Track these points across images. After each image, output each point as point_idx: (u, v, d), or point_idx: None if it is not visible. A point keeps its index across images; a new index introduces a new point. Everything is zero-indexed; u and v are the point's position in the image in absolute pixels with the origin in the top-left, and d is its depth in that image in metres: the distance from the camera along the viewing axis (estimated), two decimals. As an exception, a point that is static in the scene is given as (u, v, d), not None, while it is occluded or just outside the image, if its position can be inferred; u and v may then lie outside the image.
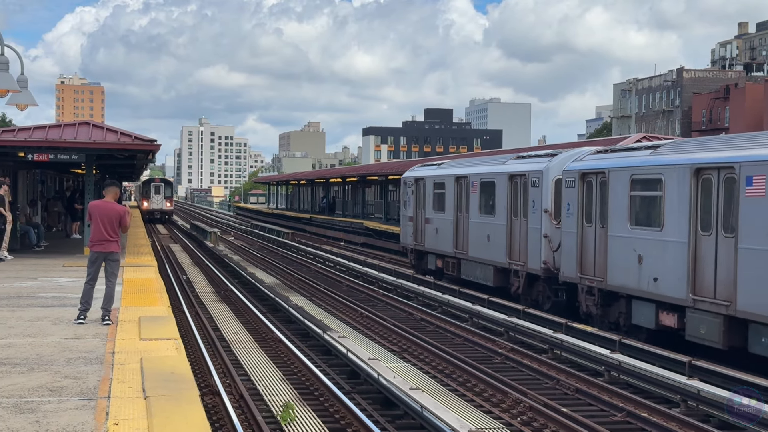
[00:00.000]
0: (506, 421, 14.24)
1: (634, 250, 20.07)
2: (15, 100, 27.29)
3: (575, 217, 22.78)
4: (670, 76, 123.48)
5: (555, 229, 24.23)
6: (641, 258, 19.82)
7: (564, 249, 23.34)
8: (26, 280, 21.42)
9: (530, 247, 25.25)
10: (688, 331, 18.13)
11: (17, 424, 8.65)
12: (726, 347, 17.18)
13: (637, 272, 19.93)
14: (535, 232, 25.06)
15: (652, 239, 19.60)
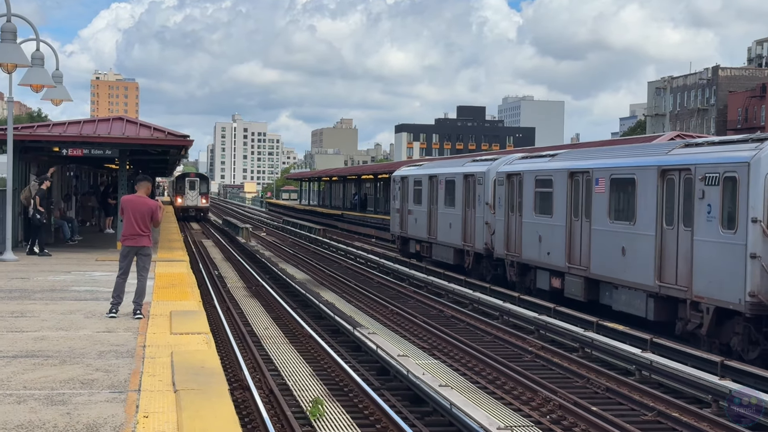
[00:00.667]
0: (535, 419, 14.20)
1: (536, 233, 26.60)
2: (50, 96, 27.61)
3: (503, 208, 29.28)
4: (705, 74, 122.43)
5: (493, 218, 30.49)
6: (541, 238, 26.30)
7: (496, 233, 29.97)
8: (60, 274, 21.62)
9: (476, 232, 31.93)
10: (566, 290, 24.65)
11: (48, 415, 8.74)
12: (586, 300, 23.66)
13: (538, 249, 26.64)
14: (480, 221, 31.58)
15: (547, 224, 26.08)
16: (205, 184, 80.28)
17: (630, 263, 21.56)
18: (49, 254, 26.16)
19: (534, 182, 27.33)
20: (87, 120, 30.85)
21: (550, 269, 25.99)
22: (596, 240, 23.39)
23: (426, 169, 39.43)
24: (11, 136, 25.07)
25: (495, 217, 30.17)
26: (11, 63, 21.96)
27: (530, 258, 27.29)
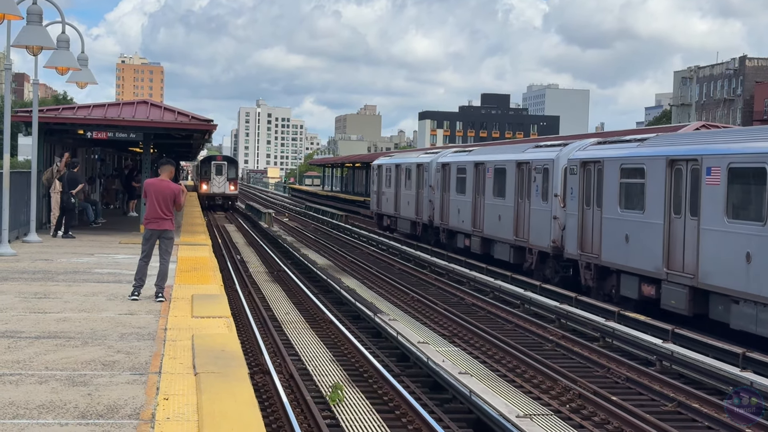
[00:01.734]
0: (555, 408, 14.19)
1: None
2: (75, 78, 27.70)
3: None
4: (732, 64, 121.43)
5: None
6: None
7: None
8: (83, 256, 21.74)
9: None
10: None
11: (70, 396, 8.80)
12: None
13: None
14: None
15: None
16: (233, 168, 72.23)
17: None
18: (73, 236, 26.31)
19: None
20: (112, 103, 30.98)
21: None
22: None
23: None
24: (36, 118, 25.20)
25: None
26: (37, 45, 22.03)
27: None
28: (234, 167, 72.59)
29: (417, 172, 42.56)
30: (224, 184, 70.51)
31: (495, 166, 32.70)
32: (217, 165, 70.81)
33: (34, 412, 8.22)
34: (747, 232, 18.16)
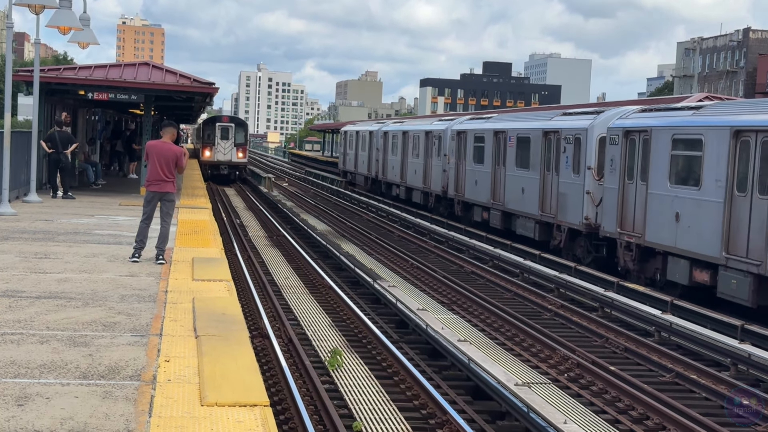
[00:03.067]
0: (553, 377, 14.23)
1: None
2: (77, 38, 27.56)
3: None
4: (735, 36, 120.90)
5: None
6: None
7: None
8: (83, 217, 21.72)
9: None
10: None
11: (71, 356, 8.82)
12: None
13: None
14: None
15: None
16: (242, 132, 60.08)
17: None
18: (73, 197, 26.28)
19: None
20: (113, 64, 30.84)
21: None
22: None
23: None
24: (38, 78, 25.09)
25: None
26: (39, 4, 21.91)
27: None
28: (243, 130, 60.34)
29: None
30: (231, 150, 58.94)
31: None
32: (223, 127, 59.26)
33: (36, 371, 8.23)
34: (523, 175, 21.37)
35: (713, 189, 18.94)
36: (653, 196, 21.39)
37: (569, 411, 12.04)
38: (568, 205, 25.82)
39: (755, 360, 14.53)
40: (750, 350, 14.79)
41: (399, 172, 46.06)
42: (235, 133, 59.22)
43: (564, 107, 36.66)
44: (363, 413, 11.72)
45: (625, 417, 12.34)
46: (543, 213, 27.56)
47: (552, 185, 27.16)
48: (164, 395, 7.67)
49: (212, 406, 7.41)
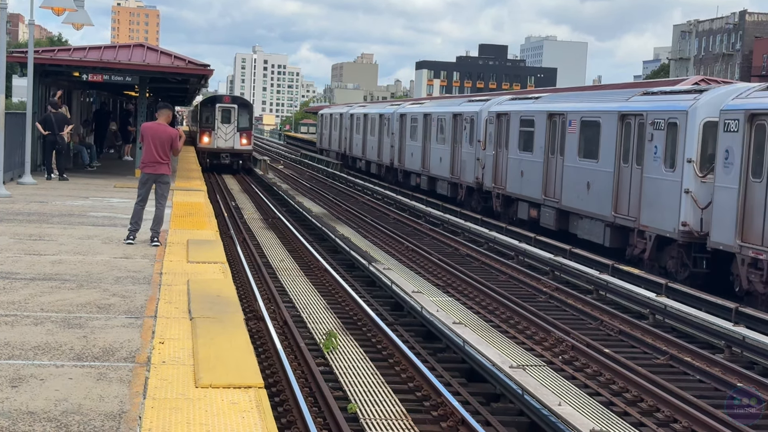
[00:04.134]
0: (548, 359, 14.25)
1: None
2: (71, 19, 27.44)
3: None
4: (732, 18, 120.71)
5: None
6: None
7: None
8: (78, 199, 21.69)
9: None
10: None
11: (65, 338, 8.81)
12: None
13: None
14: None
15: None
16: (246, 114, 52.04)
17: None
18: (67, 179, 26.23)
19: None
20: (108, 46, 30.74)
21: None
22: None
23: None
24: (32, 59, 25.00)
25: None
26: (33, -15, 21.81)
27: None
28: (247, 113, 52.17)
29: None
30: (233, 135, 50.96)
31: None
32: (224, 109, 51.05)
33: (30, 353, 8.23)
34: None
35: (539, 153, 21.98)
36: (511, 159, 21.18)
37: (564, 393, 12.06)
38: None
39: (749, 342, 14.56)
40: (744, 333, 14.82)
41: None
42: (238, 115, 50.95)
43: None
44: (358, 395, 11.73)
45: (620, 399, 12.37)
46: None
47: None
48: (159, 377, 7.67)
49: (207, 388, 7.42)
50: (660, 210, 21.11)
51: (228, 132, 50.87)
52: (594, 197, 24.31)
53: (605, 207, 23.05)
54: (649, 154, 21.77)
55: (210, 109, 51.28)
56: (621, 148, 23.30)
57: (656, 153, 21.52)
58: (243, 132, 51.17)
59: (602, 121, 24.36)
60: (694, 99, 20.77)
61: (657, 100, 22.40)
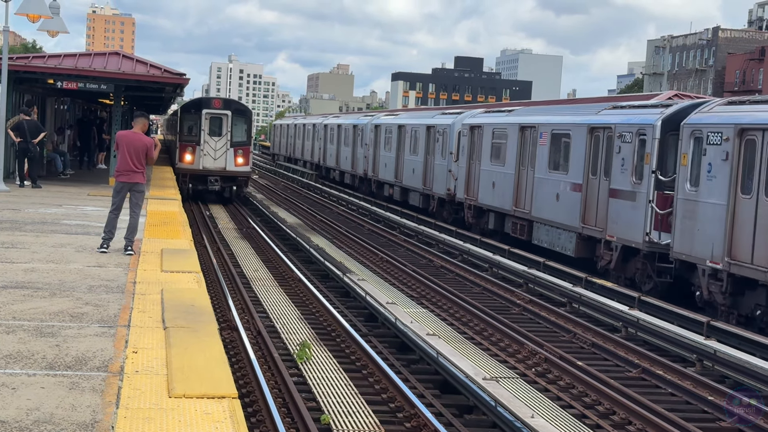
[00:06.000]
0: (521, 371, 14.29)
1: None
2: (46, 27, 27.30)
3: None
4: (705, 34, 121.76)
5: None
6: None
7: None
8: (51, 207, 21.55)
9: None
10: None
11: (38, 347, 8.75)
12: None
13: None
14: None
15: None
16: (242, 123, 39.85)
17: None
18: (40, 186, 26.06)
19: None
20: (83, 53, 30.62)
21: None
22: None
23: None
24: (6, 66, 24.83)
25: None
26: (8, -8, 21.70)
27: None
28: (244, 121, 40.01)
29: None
30: (225, 153, 38.82)
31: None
32: (214, 117, 38.96)
33: (2, 362, 8.16)
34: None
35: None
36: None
37: (537, 405, 12.10)
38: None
39: (720, 356, 14.66)
40: (715, 346, 14.93)
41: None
42: (232, 125, 38.98)
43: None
44: (331, 406, 11.71)
45: (592, 412, 12.42)
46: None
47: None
48: (132, 386, 7.63)
49: (180, 398, 7.38)
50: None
51: (218, 147, 38.63)
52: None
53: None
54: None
55: (194, 117, 39.17)
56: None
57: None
58: (239, 148, 39.03)
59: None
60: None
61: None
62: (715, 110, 19.22)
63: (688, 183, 19.22)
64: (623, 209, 21.55)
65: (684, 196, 19.23)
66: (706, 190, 18.57)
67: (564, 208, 24.51)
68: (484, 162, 30.51)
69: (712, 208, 18.24)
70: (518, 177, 27.83)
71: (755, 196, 17.21)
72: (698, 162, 18.92)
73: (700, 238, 18.48)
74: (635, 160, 21.32)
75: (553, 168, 25.61)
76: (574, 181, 24.16)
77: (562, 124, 25.55)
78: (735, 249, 17.54)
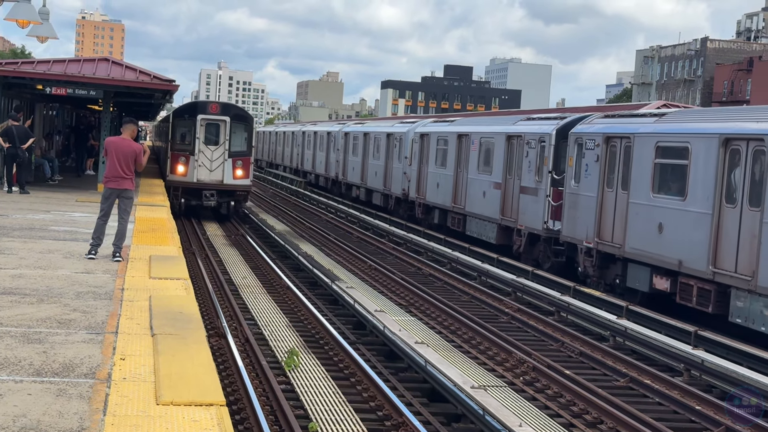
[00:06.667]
0: (509, 380, 14.30)
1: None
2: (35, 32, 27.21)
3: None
4: (694, 45, 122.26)
5: None
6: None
7: None
8: (39, 213, 21.49)
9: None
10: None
11: (25, 353, 8.72)
12: None
13: None
14: None
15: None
16: (242, 131, 35.66)
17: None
18: (28, 192, 25.99)
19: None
20: (72, 59, 30.55)
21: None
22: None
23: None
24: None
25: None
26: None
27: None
28: (244, 129, 35.76)
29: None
30: (223, 164, 34.84)
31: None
32: (210, 123, 35.02)
33: (-12, 368, 8.13)
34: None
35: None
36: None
37: (524, 414, 12.10)
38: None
39: (708, 366, 14.70)
40: (703, 356, 14.96)
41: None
42: (231, 132, 34.95)
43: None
44: (319, 414, 11.70)
45: (580, 421, 12.44)
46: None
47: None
48: (119, 393, 7.60)
49: (168, 405, 7.37)
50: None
51: (215, 158, 34.81)
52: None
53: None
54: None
55: (188, 123, 35.24)
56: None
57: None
58: (238, 158, 35.04)
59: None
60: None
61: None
62: (594, 122, 23.48)
63: (572, 180, 23.56)
64: (529, 203, 26.06)
65: (570, 190, 23.63)
66: (584, 185, 22.88)
67: (489, 203, 28.90)
68: (431, 165, 34.84)
69: (588, 200, 22.54)
70: (456, 178, 32.15)
71: (615, 189, 21.49)
72: (579, 163, 23.27)
73: (580, 223, 22.80)
74: (538, 162, 25.75)
75: (481, 170, 29.81)
76: (496, 181, 28.47)
77: (488, 133, 29.98)
78: (602, 231, 21.80)
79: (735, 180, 17.32)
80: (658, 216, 19.39)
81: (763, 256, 16.07)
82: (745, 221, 16.76)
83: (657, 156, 19.87)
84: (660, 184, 19.77)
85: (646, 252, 19.68)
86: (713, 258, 17.40)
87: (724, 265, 17.14)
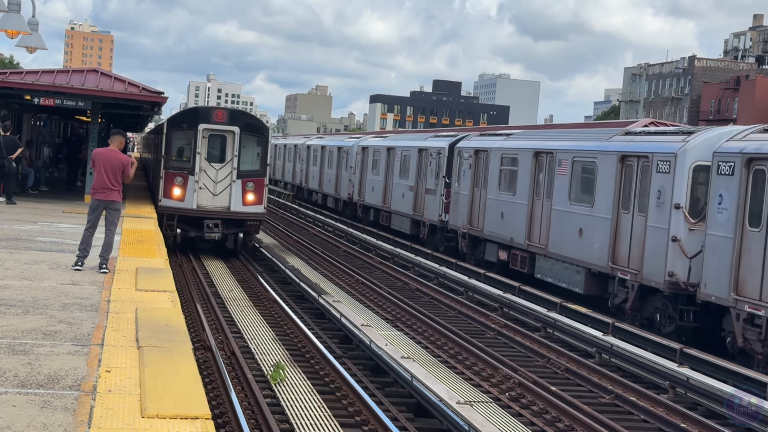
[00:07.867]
0: (495, 396, 14.30)
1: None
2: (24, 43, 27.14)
3: None
4: (681, 63, 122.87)
5: None
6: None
7: None
8: (25, 224, 21.42)
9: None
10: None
11: (9, 364, 8.68)
12: None
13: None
14: None
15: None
16: (254, 145, 28.74)
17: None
18: (15, 203, 25.90)
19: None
20: (61, 70, 30.48)
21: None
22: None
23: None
24: (-17, 81, 24.69)
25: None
26: (-13, 7, 21.61)
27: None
28: (257, 142, 28.91)
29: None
30: (230, 186, 28.17)
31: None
32: (215, 134, 28.34)
33: (-27, 379, 8.09)
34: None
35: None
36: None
37: (510, 430, 12.11)
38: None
39: (693, 384, 14.73)
40: (688, 374, 15.00)
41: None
42: (240, 146, 28.26)
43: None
44: (304, 428, 11.68)
45: (565, 437, 12.43)
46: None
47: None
48: (104, 406, 7.58)
49: (153, 418, 7.34)
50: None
51: (220, 179, 28.13)
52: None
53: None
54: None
55: (187, 135, 28.55)
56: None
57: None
58: (249, 180, 28.34)
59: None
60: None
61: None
62: (471, 139, 31.05)
63: (456, 182, 31.06)
64: (430, 201, 33.51)
65: (455, 190, 31.08)
66: (462, 186, 30.43)
67: (406, 202, 36.35)
68: (367, 172, 42.52)
69: (464, 197, 30.04)
70: (385, 182, 39.46)
71: (480, 189, 28.92)
72: (459, 170, 30.85)
73: (459, 215, 30.35)
74: (436, 169, 33.14)
75: (402, 176, 37.17)
76: (411, 184, 35.90)
77: (407, 147, 37.44)
78: (472, 220, 29.43)
79: (540, 179, 25.07)
80: (502, 208, 27.07)
81: (552, 233, 23.77)
82: (545, 208, 24.49)
83: (502, 164, 27.41)
84: (503, 184, 27.39)
85: (495, 233, 27.37)
86: (528, 235, 25.18)
87: (533, 240, 24.90)
